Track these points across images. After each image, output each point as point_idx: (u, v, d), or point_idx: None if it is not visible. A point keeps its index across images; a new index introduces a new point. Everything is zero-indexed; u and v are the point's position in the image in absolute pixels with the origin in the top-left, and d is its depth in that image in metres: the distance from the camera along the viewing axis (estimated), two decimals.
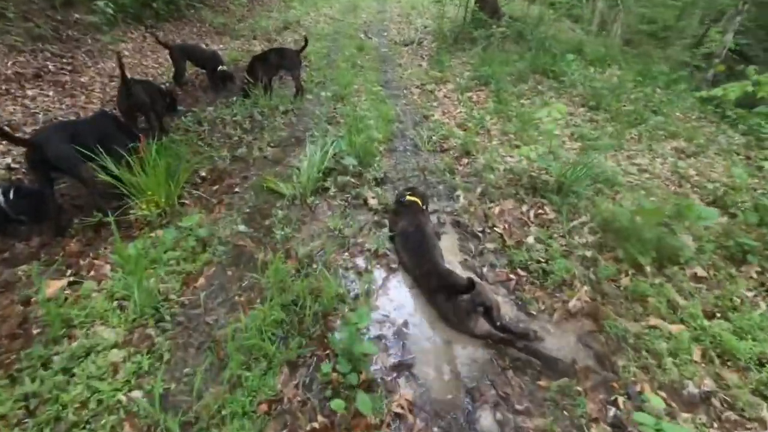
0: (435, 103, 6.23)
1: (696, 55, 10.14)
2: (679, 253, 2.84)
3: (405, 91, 7.05)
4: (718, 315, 2.51)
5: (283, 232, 3.18)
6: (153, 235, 3.07)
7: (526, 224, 3.41)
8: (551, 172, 3.77)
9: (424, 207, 3.15)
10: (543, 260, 2.90)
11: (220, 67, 6.33)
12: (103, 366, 2.01)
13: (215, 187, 3.87)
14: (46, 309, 2.27)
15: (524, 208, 3.59)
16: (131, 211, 3.21)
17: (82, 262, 2.81)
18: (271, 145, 4.81)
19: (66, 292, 2.51)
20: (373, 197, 3.66)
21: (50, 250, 2.92)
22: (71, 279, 2.63)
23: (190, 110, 5.52)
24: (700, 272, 2.85)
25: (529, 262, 2.89)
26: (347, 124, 4.98)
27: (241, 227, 3.26)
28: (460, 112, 5.87)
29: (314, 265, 2.89)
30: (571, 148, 4.67)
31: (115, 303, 2.43)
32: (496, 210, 3.58)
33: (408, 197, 3.15)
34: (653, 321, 2.41)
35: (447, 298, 2.36)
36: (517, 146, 4.76)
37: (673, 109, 5.97)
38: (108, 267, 2.72)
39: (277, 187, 3.73)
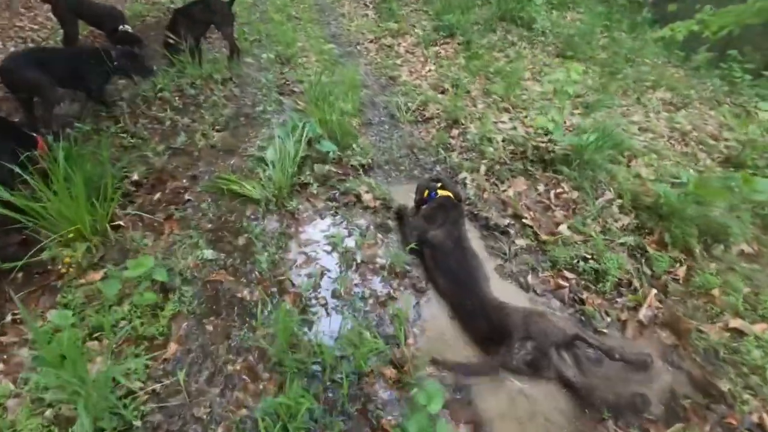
0: (398, 61, 5.46)
1: None
2: (727, 231, 2.56)
3: (359, 47, 6.15)
4: None
5: (267, 255, 2.45)
6: (84, 282, 2.21)
7: (549, 208, 2.97)
8: (561, 142, 3.31)
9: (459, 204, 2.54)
10: (589, 256, 2.49)
11: (121, 27, 4.92)
12: None
13: (157, 196, 2.95)
14: None
15: (540, 187, 3.14)
16: (44, 253, 2.27)
17: None
18: (217, 128, 3.85)
19: None
20: (367, 191, 2.99)
21: None
22: None
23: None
24: (746, 249, 2.61)
25: (574, 261, 2.47)
26: (309, 95, 4.12)
27: (208, 253, 2.47)
28: (430, 70, 5.18)
29: (320, 297, 2.24)
30: (564, 107, 4.23)
31: (49, 413, 1.63)
32: (510, 192, 3.09)
33: (439, 191, 2.51)
34: (733, 322, 2.12)
35: (506, 346, 1.86)
36: (507, 109, 4.24)
37: (642, 55, 5.74)
38: (25, 350, 1.86)
39: (243, 188, 2.91)
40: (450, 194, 2.54)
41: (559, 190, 3.08)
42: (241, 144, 3.65)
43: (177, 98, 4.28)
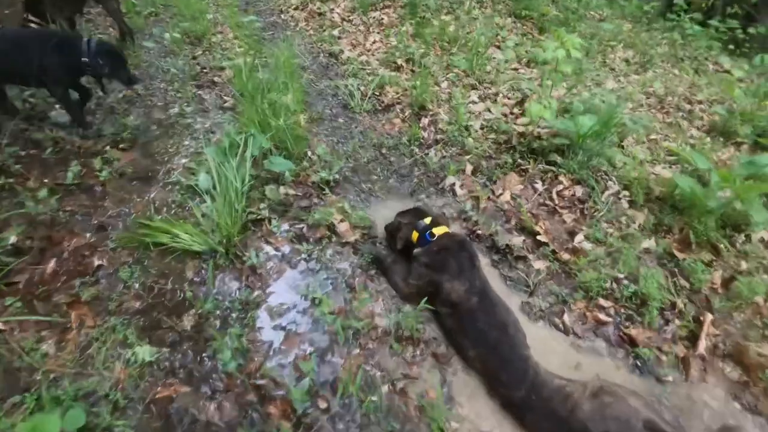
0: (336, 32, 4.64)
1: None
2: (747, 219, 2.33)
3: (284, 17, 5.21)
4: None
5: (230, 341, 1.80)
6: None
7: (554, 211, 2.57)
8: (552, 127, 2.88)
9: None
10: (622, 275, 2.13)
11: None
12: None
13: (50, 267, 2.10)
14: None
15: (537, 185, 2.71)
16: None
17: None
18: (121, 146, 2.93)
19: None
20: (342, 220, 2.37)
21: None
22: None
23: None
24: (766, 236, 2.42)
25: (606, 284, 2.09)
26: (237, 86, 3.29)
27: (144, 351, 1.76)
28: (375, 42, 4.46)
29: (320, 396, 1.66)
30: (534, 78, 3.81)
31: None
32: (507, 196, 2.64)
33: (434, 230, 1.95)
34: None
35: None
36: (474, 86, 3.72)
37: (590, 8, 5.43)
38: None
39: (175, 239, 2.16)
40: (447, 229, 2.00)
41: (559, 187, 2.68)
42: (158, 167, 2.80)
43: (56, 107, 3.22)
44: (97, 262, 2.13)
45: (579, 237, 2.34)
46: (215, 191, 2.25)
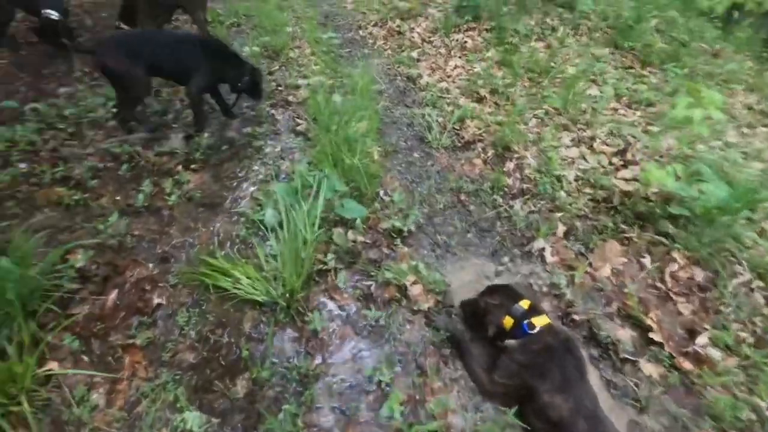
0: (414, 53, 4.42)
1: None
2: None
3: (362, 33, 5.07)
4: None
5: (285, 425, 1.59)
6: None
7: (666, 298, 2.15)
8: (666, 188, 2.45)
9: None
10: (763, 404, 1.69)
11: (46, 12, 3.64)
12: None
13: (110, 299, 2.02)
14: None
15: (645, 260, 2.30)
16: None
17: None
18: (193, 167, 2.87)
19: None
20: (414, 281, 2.11)
21: None
22: None
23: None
24: None
25: (742, 413, 1.67)
26: (311, 110, 3.15)
27: (193, 418, 1.60)
28: (456, 67, 4.18)
29: None
30: (638, 123, 3.35)
31: None
32: (607, 270, 2.25)
33: (534, 320, 1.63)
34: None
35: None
36: (566, 127, 3.32)
37: (703, 40, 4.81)
38: None
39: (237, 284, 2.00)
40: (549, 320, 1.66)
41: (674, 267, 2.25)
42: (226, 193, 2.70)
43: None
44: (156, 300, 2.03)
45: (702, 339, 1.91)
46: (281, 231, 2.08)
